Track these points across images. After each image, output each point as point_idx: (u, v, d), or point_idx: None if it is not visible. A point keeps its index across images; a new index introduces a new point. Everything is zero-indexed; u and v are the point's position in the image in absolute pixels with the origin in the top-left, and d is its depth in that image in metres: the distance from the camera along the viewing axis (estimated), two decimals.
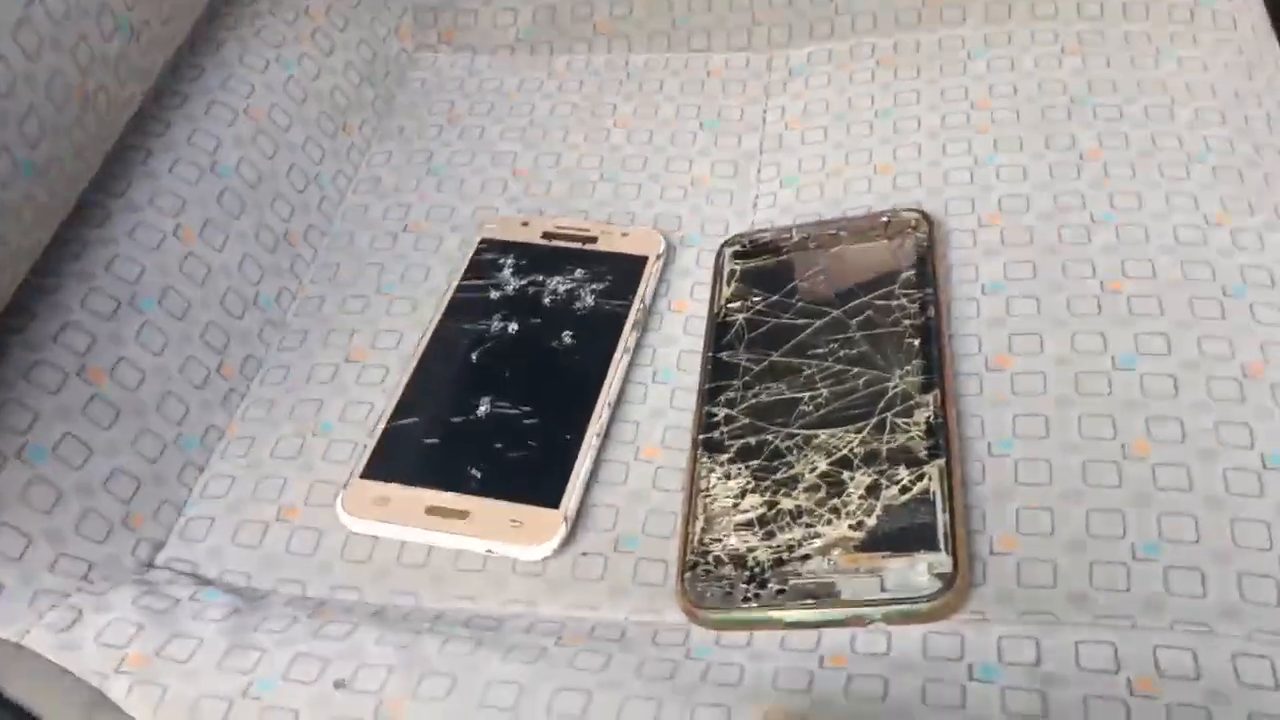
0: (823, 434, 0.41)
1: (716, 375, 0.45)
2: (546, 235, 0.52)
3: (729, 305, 0.47)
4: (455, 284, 0.50)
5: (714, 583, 0.38)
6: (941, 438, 0.40)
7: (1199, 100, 0.52)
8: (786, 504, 0.40)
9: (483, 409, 0.45)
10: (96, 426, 0.43)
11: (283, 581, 0.42)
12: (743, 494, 0.40)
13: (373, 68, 0.61)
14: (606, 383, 0.45)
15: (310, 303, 0.52)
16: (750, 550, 0.39)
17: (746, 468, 0.41)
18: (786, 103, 0.57)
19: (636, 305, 0.48)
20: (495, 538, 0.41)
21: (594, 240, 0.51)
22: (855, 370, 0.43)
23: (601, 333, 0.47)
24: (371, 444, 0.44)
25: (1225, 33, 0.56)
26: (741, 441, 0.42)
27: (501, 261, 0.51)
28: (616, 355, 0.46)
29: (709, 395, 0.44)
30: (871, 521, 0.38)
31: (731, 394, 0.44)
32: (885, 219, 0.48)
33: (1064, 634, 0.35)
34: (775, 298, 0.47)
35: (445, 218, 0.54)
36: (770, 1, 0.61)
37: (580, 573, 0.41)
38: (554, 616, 0.40)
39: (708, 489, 0.41)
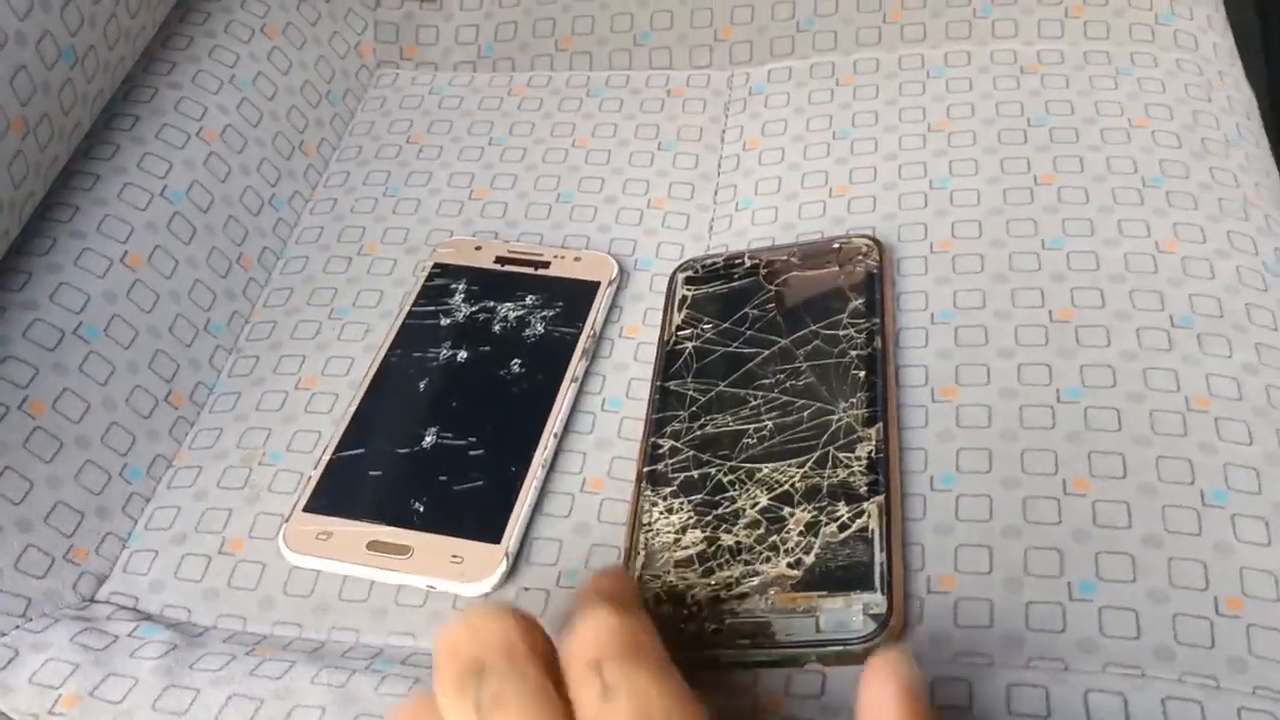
0: (766, 468, 0.41)
1: (663, 405, 0.45)
2: (500, 259, 0.51)
3: (679, 333, 0.47)
4: (406, 310, 0.50)
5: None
6: (882, 473, 0.40)
7: (1156, 123, 0.52)
8: (727, 540, 0.39)
9: (428, 440, 0.45)
10: (38, 460, 0.43)
11: (224, 616, 0.42)
12: (684, 529, 0.40)
13: (331, 86, 0.61)
14: (553, 413, 0.45)
15: (262, 327, 0.51)
16: (689, 588, 0.38)
17: (689, 502, 0.41)
18: (745, 122, 0.57)
19: (586, 332, 0.48)
20: (436, 574, 0.41)
21: (546, 265, 0.51)
22: (800, 402, 0.43)
23: (550, 361, 0.47)
24: (315, 476, 0.44)
25: (1186, 52, 0.55)
26: (685, 474, 0.42)
27: (453, 287, 0.51)
28: (564, 384, 0.46)
29: (655, 426, 0.44)
30: (809, 559, 0.38)
31: (677, 425, 0.44)
32: (837, 245, 0.48)
33: (997, 677, 0.35)
34: (725, 325, 0.47)
35: (400, 240, 0.54)
36: (732, 17, 0.61)
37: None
38: None
39: (649, 524, 0.41)
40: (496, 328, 0.49)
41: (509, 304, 0.49)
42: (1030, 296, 0.45)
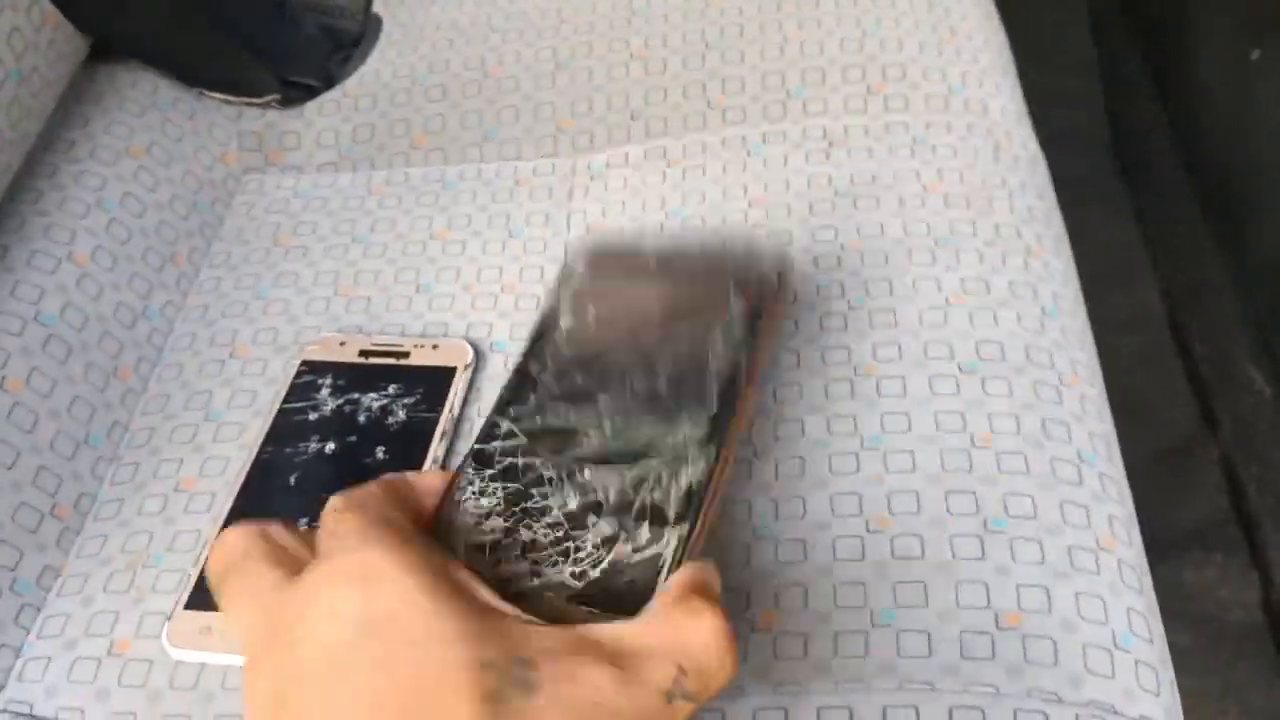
0: (589, 472, 0.39)
1: (516, 386, 0.42)
2: (363, 353, 0.55)
3: (559, 317, 0.44)
4: (276, 408, 0.53)
5: None
6: (696, 503, 0.37)
7: (949, 185, 0.58)
8: (524, 535, 0.37)
9: None
10: None
11: (116, 714, 0.45)
12: (489, 515, 0.38)
13: (199, 196, 0.64)
14: None
15: (141, 434, 0.54)
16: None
17: (504, 489, 0.39)
18: (588, 206, 0.62)
19: (445, 415, 0.52)
20: None
21: (407, 355, 0.55)
22: (647, 415, 0.40)
23: (413, 446, 0.51)
24: (195, 574, 0.47)
25: (976, 117, 0.62)
26: (510, 460, 0.40)
27: (320, 382, 0.54)
28: (425, 466, 0.50)
29: (500, 405, 0.41)
30: (595, 574, 0.36)
31: (522, 408, 0.41)
32: (743, 248, 0.45)
33: (809, 700, 0.40)
34: (603, 315, 0.44)
35: (270, 341, 0.58)
36: (572, 109, 0.66)
37: None
38: None
39: (460, 501, 0.38)
40: (361, 418, 0.52)
41: (373, 394, 0.53)
42: (838, 354, 0.51)
